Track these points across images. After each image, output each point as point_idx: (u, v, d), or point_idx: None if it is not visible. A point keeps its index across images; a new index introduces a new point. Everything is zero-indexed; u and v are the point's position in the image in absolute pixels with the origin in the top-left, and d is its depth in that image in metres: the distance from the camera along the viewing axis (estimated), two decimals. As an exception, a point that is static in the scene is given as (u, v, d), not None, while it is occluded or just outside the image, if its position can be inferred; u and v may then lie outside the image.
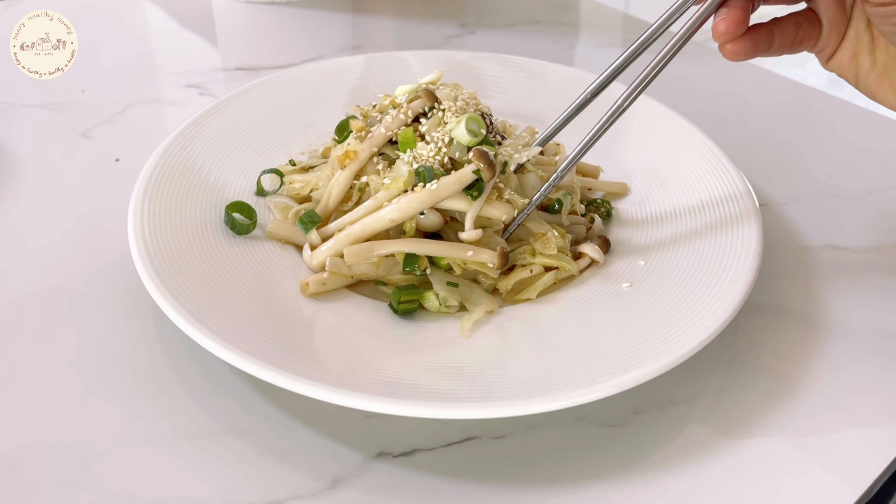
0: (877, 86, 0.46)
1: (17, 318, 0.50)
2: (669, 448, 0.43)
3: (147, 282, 0.45)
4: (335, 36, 0.88)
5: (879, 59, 0.45)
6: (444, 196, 0.49)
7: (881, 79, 0.46)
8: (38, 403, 0.44)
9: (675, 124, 0.63)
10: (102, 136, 0.68)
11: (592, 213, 0.57)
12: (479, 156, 0.49)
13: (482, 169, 0.49)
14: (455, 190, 0.49)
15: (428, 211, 0.50)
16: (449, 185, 0.49)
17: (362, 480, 0.41)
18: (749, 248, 0.50)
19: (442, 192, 0.49)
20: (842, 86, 0.54)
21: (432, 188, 0.49)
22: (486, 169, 0.49)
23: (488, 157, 0.49)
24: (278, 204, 0.56)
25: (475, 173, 0.49)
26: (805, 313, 0.53)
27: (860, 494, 0.41)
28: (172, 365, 0.47)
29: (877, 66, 0.46)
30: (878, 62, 0.45)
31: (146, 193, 0.52)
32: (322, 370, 0.42)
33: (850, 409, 0.46)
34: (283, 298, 0.48)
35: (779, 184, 0.65)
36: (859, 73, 0.46)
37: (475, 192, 0.49)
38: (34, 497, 0.39)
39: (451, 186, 0.49)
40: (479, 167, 0.49)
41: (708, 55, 0.87)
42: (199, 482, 0.40)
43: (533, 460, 0.43)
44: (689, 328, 0.45)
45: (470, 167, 0.49)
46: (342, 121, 0.61)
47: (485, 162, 0.49)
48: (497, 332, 0.47)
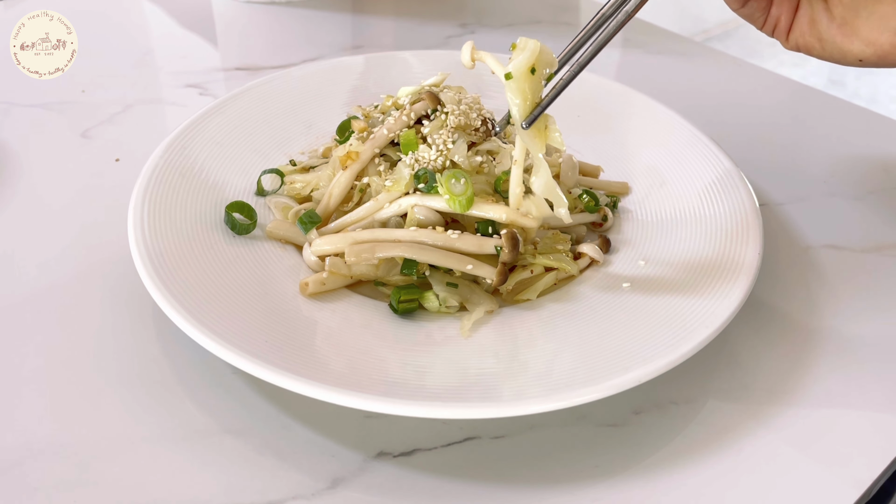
0: (841, 39, 0.47)
1: (17, 317, 0.50)
2: (669, 448, 0.43)
3: (147, 282, 0.45)
4: (335, 36, 0.88)
5: (836, 13, 0.46)
6: (459, 249, 0.49)
7: (843, 29, 0.46)
8: (38, 403, 0.44)
9: (676, 124, 0.63)
10: (102, 136, 0.68)
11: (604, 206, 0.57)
12: (509, 238, 0.48)
13: (504, 250, 0.48)
14: (471, 250, 0.49)
15: (428, 211, 0.51)
16: (467, 244, 0.49)
17: (362, 480, 0.41)
18: (749, 248, 0.50)
19: (458, 245, 0.49)
20: (842, 86, 0.54)
21: (453, 237, 0.49)
22: (509, 252, 0.48)
23: (516, 242, 0.48)
24: (278, 204, 0.56)
25: (496, 248, 0.49)
26: (805, 313, 0.53)
27: (860, 494, 0.41)
28: (172, 365, 0.47)
29: (836, 20, 0.46)
30: (836, 15, 0.46)
31: (146, 193, 0.52)
32: (322, 370, 0.42)
33: (849, 409, 0.46)
34: (282, 298, 0.48)
35: (779, 184, 0.65)
36: (822, 35, 0.47)
37: None
38: (34, 497, 0.39)
39: (469, 246, 0.49)
40: (502, 247, 0.48)
41: (708, 55, 0.87)
42: (199, 482, 0.40)
43: (533, 460, 0.43)
44: (689, 328, 0.45)
45: (494, 241, 0.49)
46: (344, 121, 0.61)
47: (510, 246, 0.48)
48: (497, 332, 0.47)
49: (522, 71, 0.45)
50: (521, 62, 0.45)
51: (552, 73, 0.46)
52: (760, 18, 0.49)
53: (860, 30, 0.46)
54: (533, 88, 0.46)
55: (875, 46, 0.45)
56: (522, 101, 0.46)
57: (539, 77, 0.46)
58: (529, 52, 0.45)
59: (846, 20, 0.46)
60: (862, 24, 0.46)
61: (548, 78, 0.46)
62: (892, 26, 0.45)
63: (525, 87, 0.46)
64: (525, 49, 0.45)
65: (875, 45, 0.45)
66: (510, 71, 0.45)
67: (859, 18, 0.46)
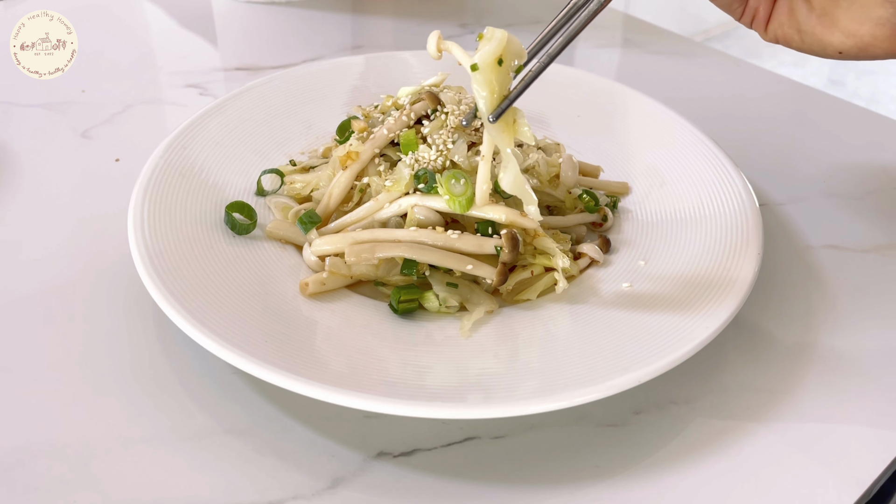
0: (821, 30, 0.45)
1: (17, 317, 0.50)
2: (669, 448, 0.43)
3: (147, 282, 0.45)
4: (335, 36, 0.88)
5: (816, 3, 0.45)
6: (459, 249, 0.49)
7: (822, 20, 0.45)
8: (39, 403, 0.44)
9: (676, 124, 0.63)
10: (102, 136, 0.68)
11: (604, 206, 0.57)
12: (509, 239, 0.48)
13: (504, 251, 0.48)
14: (471, 250, 0.49)
15: (428, 211, 0.51)
16: (467, 244, 0.49)
17: (362, 480, 0.41)
18: (749, 248, 0.50)
19: (458, 245, 0.49)
20: (842, 86, 0.54)
21: (453, 237, 0.49)
22: (509, 252, 0.48)
23: (516, 242, 0.48)
24: (278, 204, 0.56)
25: (496, 248, 0.49)
26: (805, 313, 0.53)
27: (860, 494, 0.41)
28: (172, 365, 0.47)
29: (815, 10, 0.45)
30: (815, 5, 0.45)
31: (146, 193, 0.52)
32: (322, 370, 0.42)
33: (849, 409, 0.46)
34: (282, 298, 0.48)
35: (779, 184, 0.65)
36: (801, 26, 0.46)
37: None
38: (34, 497, 0.39)
39: (469, 246, 0.49)
40: (502, 247, 0.48)
41: (708, 55, 0.87)
42: (199, 482, 0.40)
43: (533, 460, 0.43)
44: (689, 328, 0.45)
45: (494, 242, 0.49)
46: (344, 121, 0.61)
47: (510, 246, 0.48)
48: (497, 332, 0.47)
49: (489, 62, 0.43)
50: (488, 52, 0.43)
51: (521, 65, 0.45)
52: (738, 9, 0.48)
53: (840, 20, 0.44)
54: (500, 80, 0.44)
55: (855, 38, 0.44)
56: (489, 93, 0.44)
57: (507, 68, 0.44)
58: (497, 42, 0.43)
59: (826, 10, 0.45)
60: (842, 14, 0.44)
61: (517, 70, 0.45)
62: (873, 16, 0.43)
63: (492, 79, 0.44)
64: (492, 39, 0.43)
65: (855, 37, 0.44)
66: (476, 62, 0.44)
67: (839, 8, 0.44)
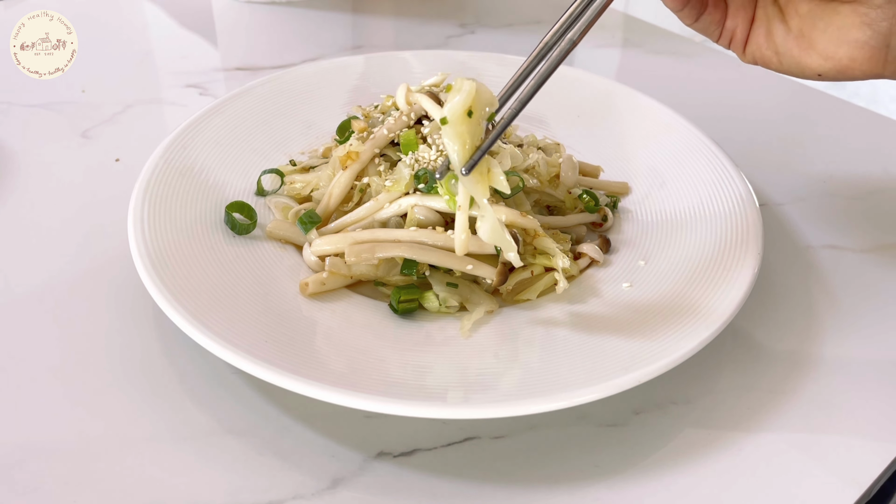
0: (798, 52, 0.44)
1: (16, 317, 0.50)
2: (669, 448, 0.43)
3: (147, 282, 0.45)
4: (335, 36, 0.88)
5: (793, 25, 0.44)
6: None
7: (800, 42, 0.44)
8: (39, 403, 0.44)
9: (676, 124, 0.63)
10: (102, 136, 0.68)
11: (605, 206, 0.57)
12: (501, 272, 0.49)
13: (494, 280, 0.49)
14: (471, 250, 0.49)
15: (428, 211, 0.51)
16: None
17: (362, 480, 0.41)
18: (749, 248, 0.50)
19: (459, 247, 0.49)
20: (842, 86, 0.54)
21: (454, 237, 0.48)
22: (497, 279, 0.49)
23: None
24: (278, 204, 0.56)
25: (497, 248, 0.49)
26: (805, 313, 0.53)
27: (860, 494, 0.41)
28: (172, 365, 0.47)
29: (792, 32, 0.45)
30: (793, 27, 0.44)
31: (146, 193, 0.52)
32: (322, 370, 0.42)
33: (849, 409, 0.46)
34: (282, 298, 0.48)
35: (779, 184, 0.65)
36: (779, 48, 0.45)
37: None
38: (34, 497, 0.39)
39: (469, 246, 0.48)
40: None
41: (708, 55, 0.87)
42: (199, 482, 0.40)
43: (533, 460, 0.43)
44: (689, 328, 0.45)
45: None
46: (344, 121, 0.61)
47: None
48: (497, 332, 0.47)
49: (458, 114, 0.41)
50: (457, 105, 0.41)
51: (493, 113, 0.43)
52: (716, 31, 0.47)
53: (817, 43, 0.43)
54: (472, 132, 0.42)
55: (833, 60, 0.43)
56: (461, 146, 0.42)
57: (477, 119, 0.42)
58: (465, 93, 0.41)
59: (803, 32, 0.44)
60: (819, 36, 0.43)
61: (489, 118, 0.43)
62: (850, 39, 0.42)
63: (463, 131, 0.42)
64: (461, 90, 0.41)
65: (833, 59, 0.43)
66: (445, 115, 0.42)
67: (816, 30, 0.43)
